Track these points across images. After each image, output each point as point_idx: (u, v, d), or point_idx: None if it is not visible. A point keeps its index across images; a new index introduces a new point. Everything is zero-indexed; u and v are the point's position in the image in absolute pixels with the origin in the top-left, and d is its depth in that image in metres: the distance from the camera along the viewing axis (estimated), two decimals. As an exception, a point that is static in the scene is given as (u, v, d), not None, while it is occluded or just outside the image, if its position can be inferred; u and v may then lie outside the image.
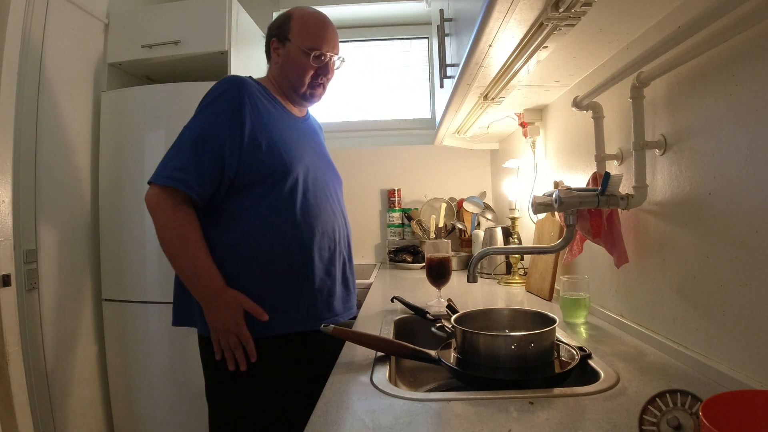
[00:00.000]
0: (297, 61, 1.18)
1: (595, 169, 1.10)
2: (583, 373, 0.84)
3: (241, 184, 1.09)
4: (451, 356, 0.90)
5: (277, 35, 1.21)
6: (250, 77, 1.19)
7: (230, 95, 1.09)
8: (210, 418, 1.15)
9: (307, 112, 1.34)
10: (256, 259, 1.09)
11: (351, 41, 2.78)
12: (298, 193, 1.12)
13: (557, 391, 0.73)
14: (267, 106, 1.16)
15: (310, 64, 1.18)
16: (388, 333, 1.13)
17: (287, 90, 1.23)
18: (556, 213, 1.44)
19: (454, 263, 2.14)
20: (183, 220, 1.04)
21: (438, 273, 1.39)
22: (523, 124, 1.65)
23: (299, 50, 1.18)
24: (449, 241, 1.46)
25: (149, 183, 1.05)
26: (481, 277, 1.91)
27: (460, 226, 2.36)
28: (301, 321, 1.12)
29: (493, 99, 1.35)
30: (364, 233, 2.55)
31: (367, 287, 1.80)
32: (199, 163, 1.03)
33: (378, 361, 0.90)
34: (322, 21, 1.21)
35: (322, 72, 1.21)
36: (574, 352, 0.85)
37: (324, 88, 1.25)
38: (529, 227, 1.78)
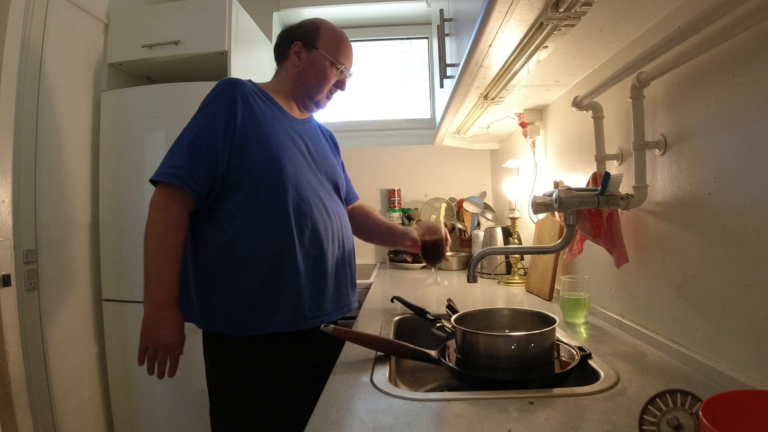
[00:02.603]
0: (322, 70, 1.23)
1: (595, 169, 1.10)
2: (583, 373, 0.84)
3: (232, 182, 1.10)
4: (451, 356, 0.90)
5: (303, 40, 1.24)
6: (250, 80, 1.20)
7: (224, 95, 1.12)
8: (211, 414, 1.16)
9: (310, 115, 1.34)
10: (246, 257, 1.09)
11: (351, 41, 2.77)
12: (287, 191, 1.12)
13: (557, 391, 0.73)
14: (260, 104, 1.17)
15: (334, 75, 1.25)
16: (388, 333, 1.13)
17: (300, 94, 1.25)
18: (556, 213, 1.44)
19: (454, 263, 2.14)
20: (170, 222, 1.05)
21: (433, 253, 1.39)
22: (523, 124, 1.65)
23: (326, 60, 1.23)
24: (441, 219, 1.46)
25: (152, 181, 1.08)
26: (481, 277, 1.91)
27: (460, 226, 2.36)
28: (292, 321, 1.11)
29: (493, 99, 1.35)
30: (364, 233, 2.55)
31: (367, 287, 1.80)
32: (194, 160, 1.06)
33: (378, 361, 0.90)
34: (347, 38, 1.30)
35: (340, 86, 1.29)
36: (574, 352, 0.85)
37: (331, 99, 1.32)
38: (529, 227, 1.78)
